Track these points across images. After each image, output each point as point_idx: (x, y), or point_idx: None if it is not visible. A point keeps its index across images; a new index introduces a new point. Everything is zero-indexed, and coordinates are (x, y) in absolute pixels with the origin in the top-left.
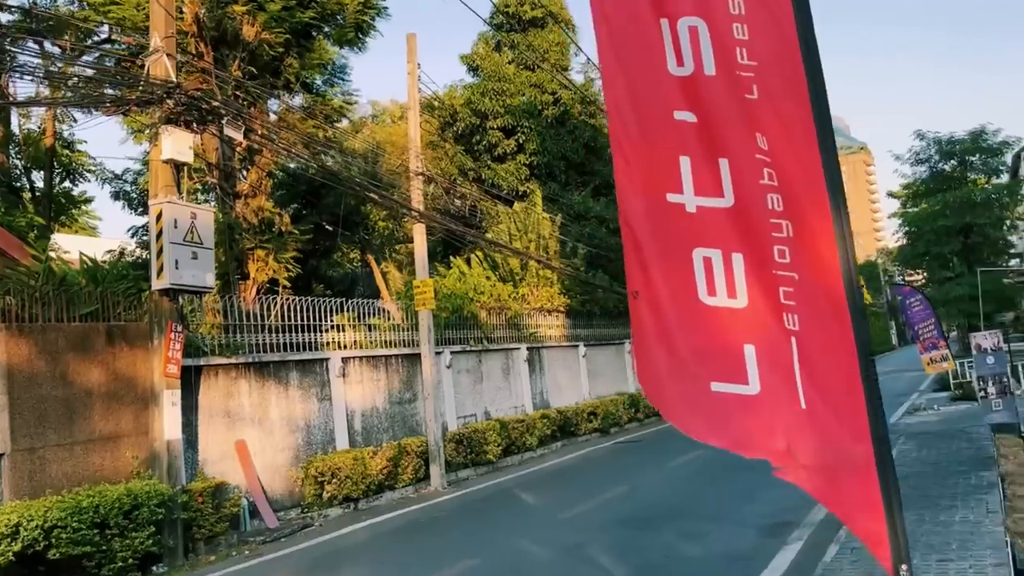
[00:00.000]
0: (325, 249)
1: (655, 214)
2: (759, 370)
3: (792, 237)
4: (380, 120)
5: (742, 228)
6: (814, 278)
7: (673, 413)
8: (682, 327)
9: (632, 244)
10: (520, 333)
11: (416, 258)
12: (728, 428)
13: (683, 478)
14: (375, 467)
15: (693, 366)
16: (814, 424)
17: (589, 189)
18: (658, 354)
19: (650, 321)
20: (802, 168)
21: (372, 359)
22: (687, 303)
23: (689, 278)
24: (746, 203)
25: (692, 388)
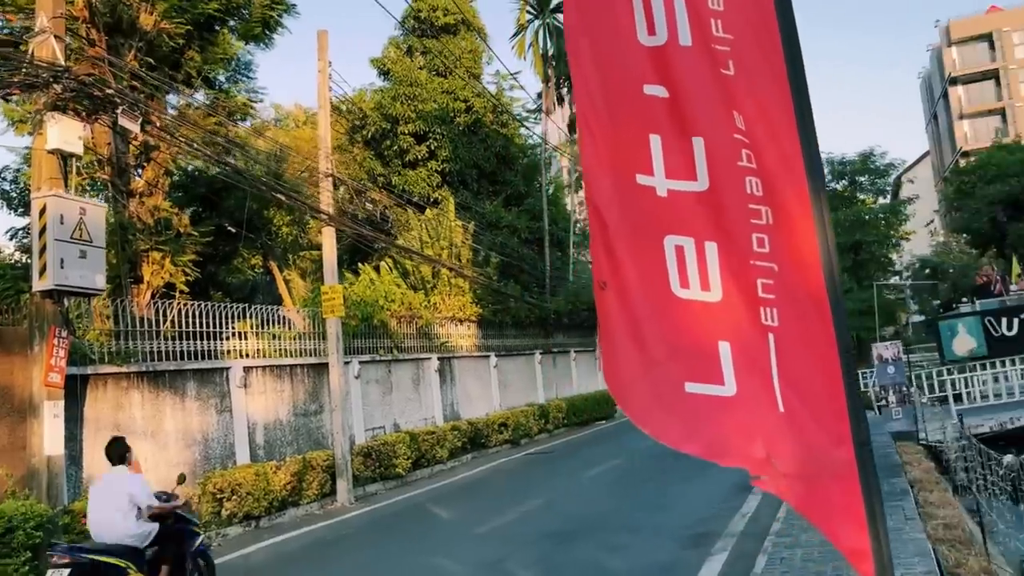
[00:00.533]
0: (225, 254)
1: (624, 197)
2: (735, 369)
3: (772, 224)
4: (284, 124)
5: (717, 214)
6: (794, 269)
7: (643, 416)
8: (654, 321)
9: (599, 229)
10: (431, 343)
11: (324, 263)
12: (703, 433)
13: (598, 489)
14: (278, 482)
15: (666, 364)
16: (793, 428)
17: (501, 199)
18: (627, 351)
19: (619, 315)
20: (780, 150)
21: (276, 369)
22: (659, 295)
23: (660, 268)
24: (722, 187)
25: (665, 388)
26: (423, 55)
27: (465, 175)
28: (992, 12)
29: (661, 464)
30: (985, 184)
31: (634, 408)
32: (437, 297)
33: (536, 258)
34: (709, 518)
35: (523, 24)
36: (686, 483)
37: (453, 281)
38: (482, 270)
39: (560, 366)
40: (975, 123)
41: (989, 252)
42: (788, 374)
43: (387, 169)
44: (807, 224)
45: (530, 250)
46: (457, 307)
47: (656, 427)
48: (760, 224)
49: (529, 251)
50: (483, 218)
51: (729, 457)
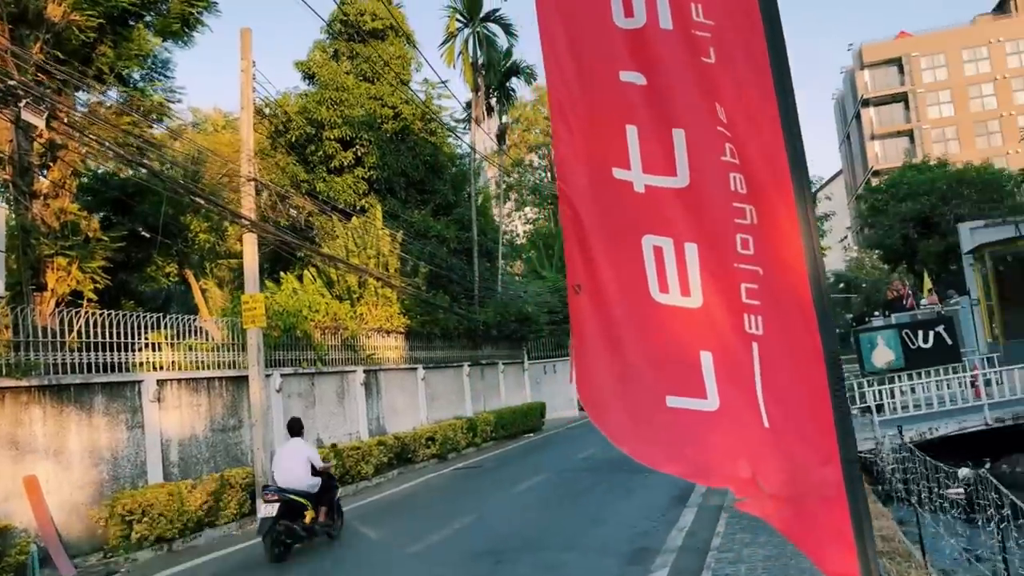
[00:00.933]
0: (138, 261)
1: (600, 192)
2: (717, 382)
3: (756, 224)
4: (202, 128)
5: (698, 213)
6: (779, 273)
7: (621, 434)
8: (632, 328)
9: (573, 226)
10: (357, 355)
11: (245, 271)
12: (686, 451)
13: (530, 504)
14: (194, 502)
15: (646, 376)
16: (779, 445)
17: (429, 208)
18: (603, 361)
19: (594, 321)
20: (763, 145)
21: (193, 382)
22: (637, 300)
23: (639, 271)
24: (704, 183)
25: (645, 403)
26: (350, 60)
27: (393, 183)
28: (901, 37)
29: (594, 477)
30: (897, 202)
31: (611, 425)
32: (363, 308)
33: (465, 268)
34: (647, 532)
35: (453, 32)
36: (621, 496)
37: (380, 291)
38: (410, 280)
39: (488, 378)
40: (885, 143)
41: (900, 268)
42: (773, 387)
43: (311, 175)
44: (791, 224)
45: (459, 260)
46: (384, 318)
47: (636, 446)
48: (744, 224)
49: (458, 261)
50: (411, 227)
51: (713, 477)
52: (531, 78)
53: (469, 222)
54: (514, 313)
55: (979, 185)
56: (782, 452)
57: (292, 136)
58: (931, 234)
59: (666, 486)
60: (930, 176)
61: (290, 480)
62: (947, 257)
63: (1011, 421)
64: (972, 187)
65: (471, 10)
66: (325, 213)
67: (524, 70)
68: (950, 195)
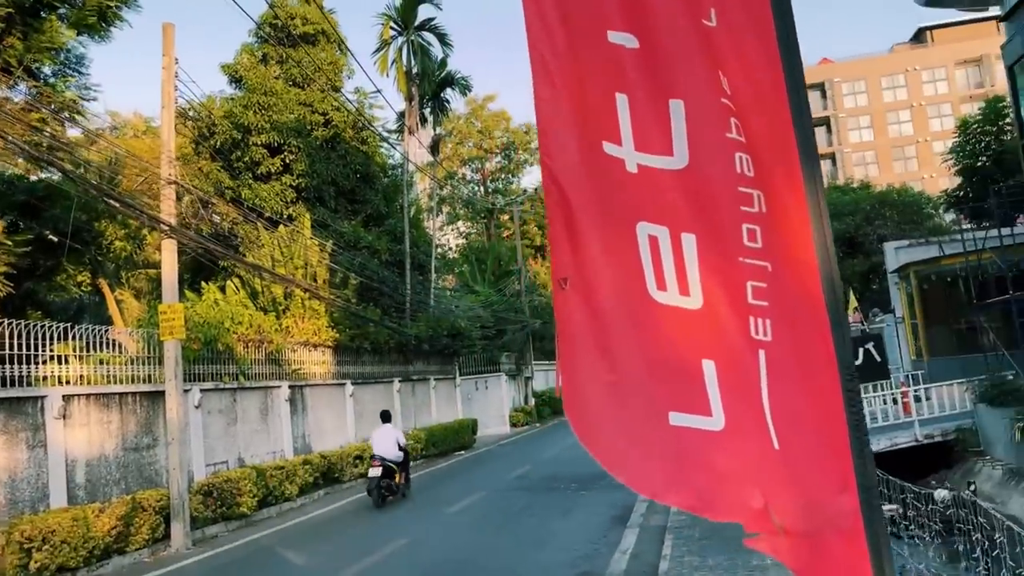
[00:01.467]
0: (47, 269)
1: (590, 168)
2: (722, 396)
3: (765, 213)
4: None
5: (697, 199)
6: (788, 270)
7: (615, 458)
8: (629, 331)
9: (560, 209)
10: (282, 369)
11: (164, 279)
12: (690, 478)
13: (465, 527)
14: (101, 528)
15: (646, 387)
16: (791, 471)
17: (360, 218)
18: (594, 369)
19: (583, 321)
20: (770, 123)
21: (103, 397)
22: (634, 298)
23: (635, 263)
24: (705, 164)
25: (643, 419)
26: (279, 64)
27: (322, 191)
28: (823, 64)
29: (529, 496)
30: None
31: (603, 447)
32: (290, 320)
33: (397, 281)
34: (589, 556)
35: (386, 40)
36: (559, 516)
37: (308, 303)
38: (340, 292)
39: (419, 394)
40: None
41: None
42: (781, 402)
43: (236, 182)
44: (801, 214)
45: (391, 272)
46: (311, 331)
47: (633, 473)
48: (752, 212)
49: (390, 273)
50: (341, 237)
51: (720, 509)
52: (466, 89)
53: (401, 234)
54: (446, 327)
55: (900, 207)
56: (794, 478)
57: (217, 141)
58: (856, 253)
59: (604, 505)
60: (854, 197)
61: (385, 452)
62: (870, 276)
63: (939, 437)
64: (894, 208)
65: (406, 18)
66: (250, 221)
67: (459, 81)
68: (873, 216)
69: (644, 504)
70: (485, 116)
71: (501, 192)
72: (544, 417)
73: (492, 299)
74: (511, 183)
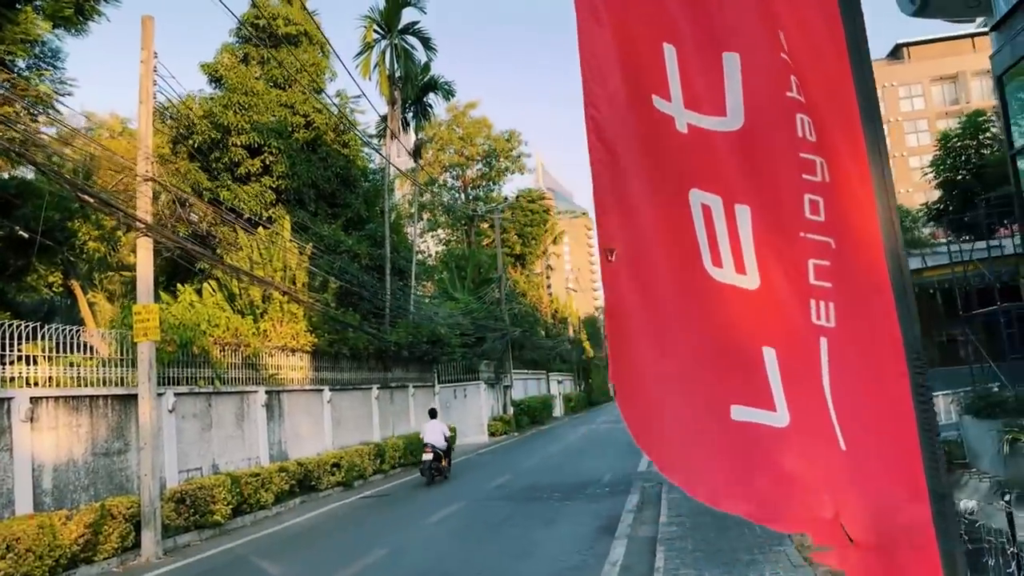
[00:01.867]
0: (17, 269)
1: (640, 122)
2: (784, 388)
3: (828, 183)
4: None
5: (753, 165)
6: (853, 248)
7: (670, 457)
8: (685, 311)
9: (608, 169)
10: (259, 374)
11: (139, 279)
12: (755, 483)
13: (446, 536)
14: (68, 536)
15: (705, 376)
16: (859, 475)
17: (341, 222)
18: (647, 354)
19: (634, 299)
20: (829, 84)
21: (73, 400)
22: (690, 273)
23: (689, 234)
24: (762, 126)
25: (703, 413)
26: (260, 65)
27: (302, 194)
28: None
29: (511, 505)
30: None
31: (658, 444)
32: (267, 324)
33: (377, 286)
34: (577, 568)
35: (369, 43)
36: (542, 526)
37: (286, 307)
38: (319, 296)
39: (398, 402)
40: None
41: None
42: (845, 396)
43: (215, 183)
44: (864, 185)
45: (370, 277)
46: (289, 335)
47: (691, 474)
48: (814, 182)
49: (370, 278)
50: (321, 241)
51: (788, 518)
52: (449, 94)
53: (381, 239)
54: (426, 334)
55: None
56: (862, 484)
57: (195, 141)
58: None
59: (589, 516)
60: None
61: (435, 441)
62: None
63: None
64: None
65: (389, 22)
66: (228, 223)
67: (442, 86)
68: None
69: (630, 515)
70: (467, 123)
71: (482, 199)
72: (523, 426)
73: (472, 307)
74: (492, 190)
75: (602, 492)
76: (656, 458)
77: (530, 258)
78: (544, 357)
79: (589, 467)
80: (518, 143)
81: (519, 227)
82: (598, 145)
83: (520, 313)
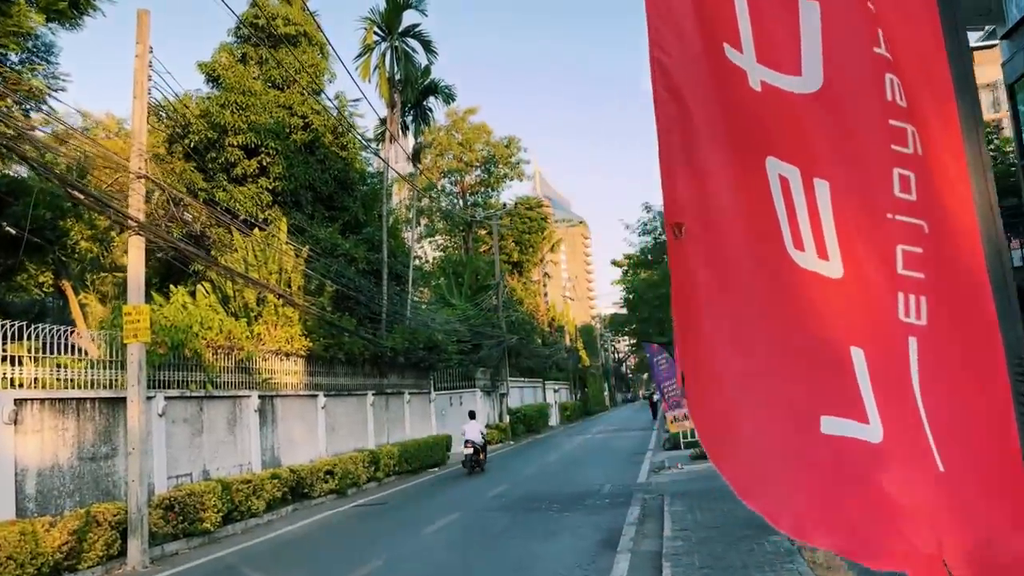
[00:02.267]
0: (6, 268)
1: (714, 72)
2: (875, 396)
3: (921, 156)
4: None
5: (833, 133)
6: (947, 233)
7: (752, 478)
8: (767, 301)
9: (676, 124)
10: (252, 378)
11: (130, 278)
12: (845, 510)
13: (443, 548)
14: (51, 543)
15: (790, 379)
16: (959, 501)
17: (338, 225)
18: (724, 351)
19: (709, 283)
20: (917, 44)
21: (59, 403)
22: (772, 256)
23: (768, 209)
24: (845, 86)
25: (791, 424)
26: (259, 65)
27: (299, 196)
28: None
29: (509, 516)
30: None
31: (735, 461)
32: (261, 327)
33: (373, 291)
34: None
35: (370, 44)
36: (542, 539)
37: (281, 310)
38: (314, 300)
39: (393, 408)
40: None
41: None
42: (939, 407)
43: (210, 183)
44: (958, 161)
45: (367, 281)
46: (284, 339)
47: (773, 500)
48: (905, 154)
49: (366, 282)
50: (318, 243)
51: (884, 554)
52: (449, 98)
53: (379, 243)
54: (423, 340)
55: None
56: (962, 511)
57: (191, 141)
58: None
59: (589, 528)
60: None
61: (475, 438)
62: None
63: None
64: None
65: (390, 24)
66: (223, 225)
67: (442, 89)
68: None
69: (632, 528)
70: (466, 129)
71: (480, 206)
72: (518, 435)
73: (469, 313)
74: (490, 197)
75: (602, 503)
76: (732, 477)
77: (527, 266)
78: (540, 365)
79: (588, 477)
80: (517, 149)
81: (517, 234)
82: (665, 95)
83: (517, 320)
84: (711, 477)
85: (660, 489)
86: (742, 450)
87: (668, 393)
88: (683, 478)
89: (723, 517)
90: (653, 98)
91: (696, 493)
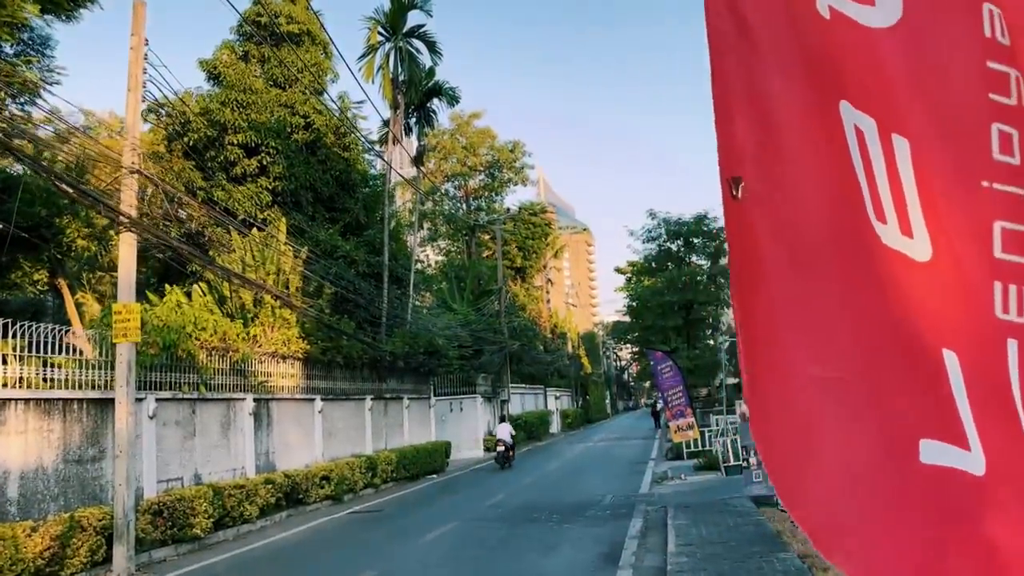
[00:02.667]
0: (1, 266)
1: None
2: (973, 415)
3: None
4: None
5: (915, 76)
6: None
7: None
8: (848, 283)
9: (732, 49)
10: (247, 381)
11: (120, 276)
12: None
13: (440, 559)
14: (33, 548)
15: (881, 392)
16: None
17: (339, 227)
18: (795, 349)
19: (777, 256)
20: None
21: (44, 403)
22: (851, 225)
23: (846, 165)
24: (931, 18)
25: (883, 451)
26: (260, 63)
27: (299, 197)
28: None
29: (508, 527)
30: None
31: (810, 498)
32: (258, 329)
33: (374, 294)
34: None
35: (374, 45)
36: (542, 552)
37: (278, 311)
38: (313, 302)
39: (392, 413)
40: None
41: None
42: None
43: (209, 183)
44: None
45: (367, 284)
46: (281, 341)
47: (860, 554)
48: (1006, 105)
49: (366, 285)
50: (318, 245)
51: None
52: (454, 100)
53: (380, 245)
54: (423, 345)
55: None
56: None
57: (190, 139)
58: None
59: (590, 540)
60: None
61: (505, 438)
62: None
63: None
64: None
65: (394, 24)
66: (221, 224)
67: (447, 91)
68: None
69: (634, 541)
70: (470, 133)
71: (484, 210)
72: (519, 442)
73: (471, 318)
74: (494, 202)
75: (603, 515)
76: (804, 523)
77: (530, 272)
78: (542, 372)
79: (588, 487)
80: (521, 153)
81: (520, 240)
82: (725, 14)
83: (519, 326)
84: (715, 489)
85: (663, 500)
86: (816, 483)
87: (671, 402)
88: (686, 489)
89: (729, 532)
90: (706, 16)
91: (700, 506)
